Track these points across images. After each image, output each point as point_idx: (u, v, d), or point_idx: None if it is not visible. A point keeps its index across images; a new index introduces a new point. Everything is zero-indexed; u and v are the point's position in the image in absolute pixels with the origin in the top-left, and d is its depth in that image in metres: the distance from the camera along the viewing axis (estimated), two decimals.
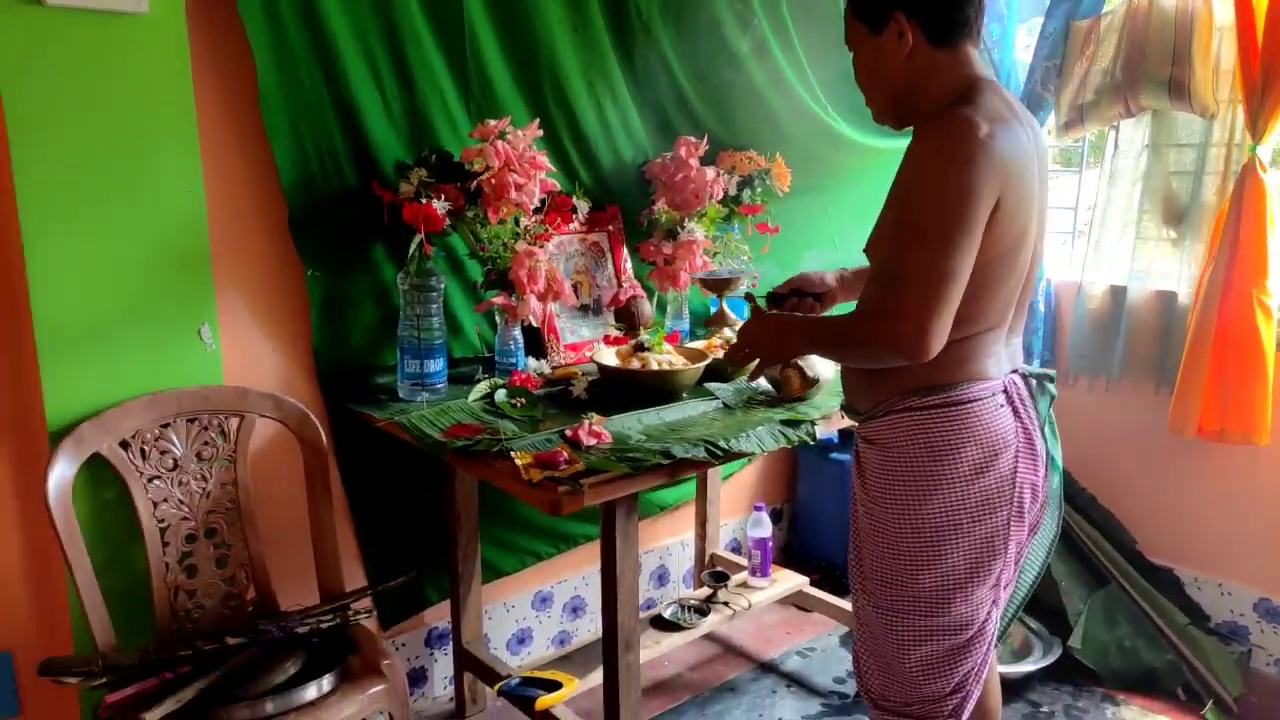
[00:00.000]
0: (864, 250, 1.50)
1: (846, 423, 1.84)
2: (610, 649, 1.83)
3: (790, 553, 3.15)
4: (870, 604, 1.55)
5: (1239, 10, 2.26)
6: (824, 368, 2.02)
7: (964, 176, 1.29)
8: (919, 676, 1.51)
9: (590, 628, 2.69)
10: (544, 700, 2.02)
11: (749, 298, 1.71)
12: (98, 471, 1.73)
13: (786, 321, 1.56)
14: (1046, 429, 1.56)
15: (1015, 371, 1.53)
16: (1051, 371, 1.59)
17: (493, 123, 2.00)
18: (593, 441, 1.73)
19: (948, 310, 1.31)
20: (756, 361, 1.65)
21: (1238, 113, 2.37)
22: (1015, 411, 1.47)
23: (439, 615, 2.39)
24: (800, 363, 1.97)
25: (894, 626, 1.51)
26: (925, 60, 1.43)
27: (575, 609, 2.67)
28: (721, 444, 1.75)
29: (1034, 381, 1.56)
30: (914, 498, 1.45)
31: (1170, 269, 2.58)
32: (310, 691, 1.64)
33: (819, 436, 1.93)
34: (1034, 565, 1.67)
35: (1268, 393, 2.34)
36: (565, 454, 1.65)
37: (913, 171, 1.36)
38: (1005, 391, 1.47)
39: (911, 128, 1.49)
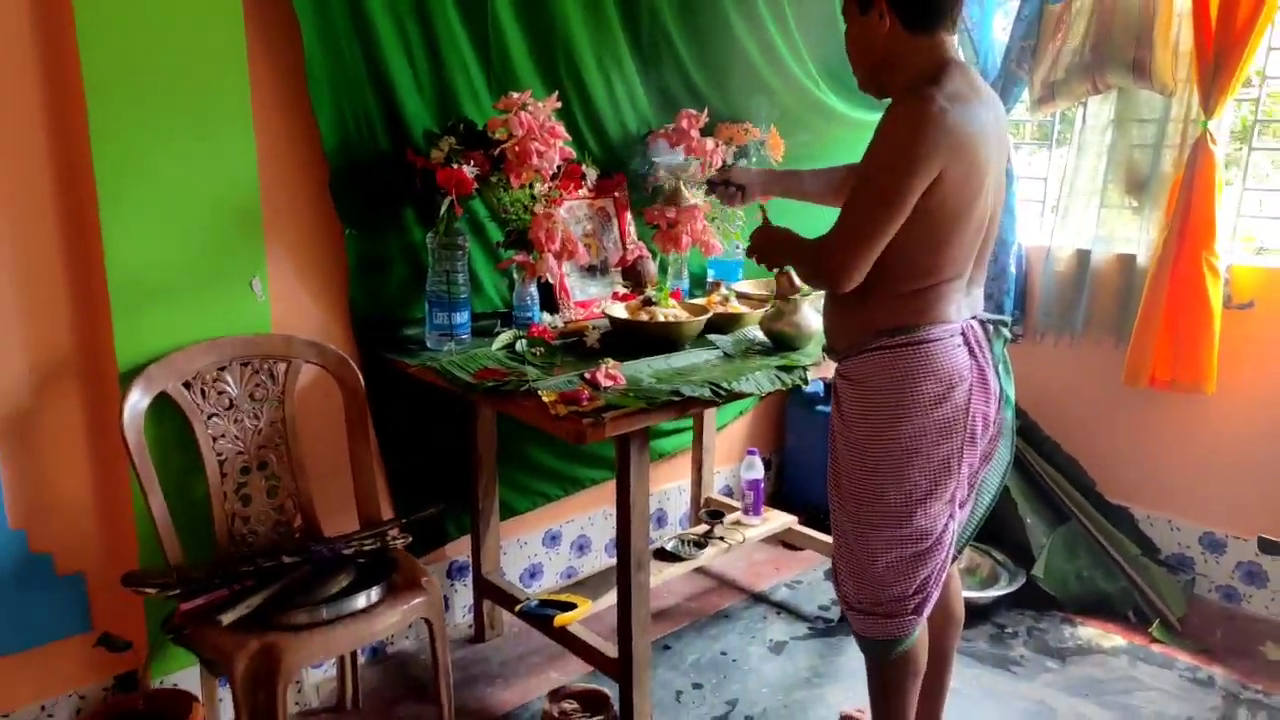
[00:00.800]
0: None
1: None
2: (624, 568, 2.05)
3: (779, 498, 3.38)
4: (846, 518, 1.79)
5: None
6: (813, 319, 2.23)
7: (912, 149, 1.52)
8: (887, 579, 1.75)
9: (595, 564, 2.92)
10: (561, 618, 2.24)
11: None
12: (162, 409, 1.92)
13: (781, 234, 1.87)
14: (1000, 368, 1.78)
15: (974, 318, 1.75)
16: (1006, 318, 1.80)
17: (516, 95, 2.19)
18: (609, 383, 1.94)
19: (868, 256, 1.59)
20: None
21: (1193, 91, 2.58)
22: (971, 351, 1.69)
23: (458, 550, 2.60)
24: (791, 272, 2.16)
25: (865, 537, 1.75)
26: (901, 42, 1.64)
27: (582, 546, 2.90)
28: (725, 385, 1.97)
29: (990, 326, 1.78)
30: (883, 424, 1.68)
31: (1131, 234, 2.81)
32: (360, 601, 1.85)
33: (809, 383, 2.14)
34: (990, 488, 1.90)
35: (1214, 346, 2.58)
36: (586, 393, 1.86)
37: (876, 138, 1.59)
38: (963, 334, 1.69)
39: (890, 99, 1.71)
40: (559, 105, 2.26)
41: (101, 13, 1.75)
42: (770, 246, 1.89)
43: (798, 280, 2.11)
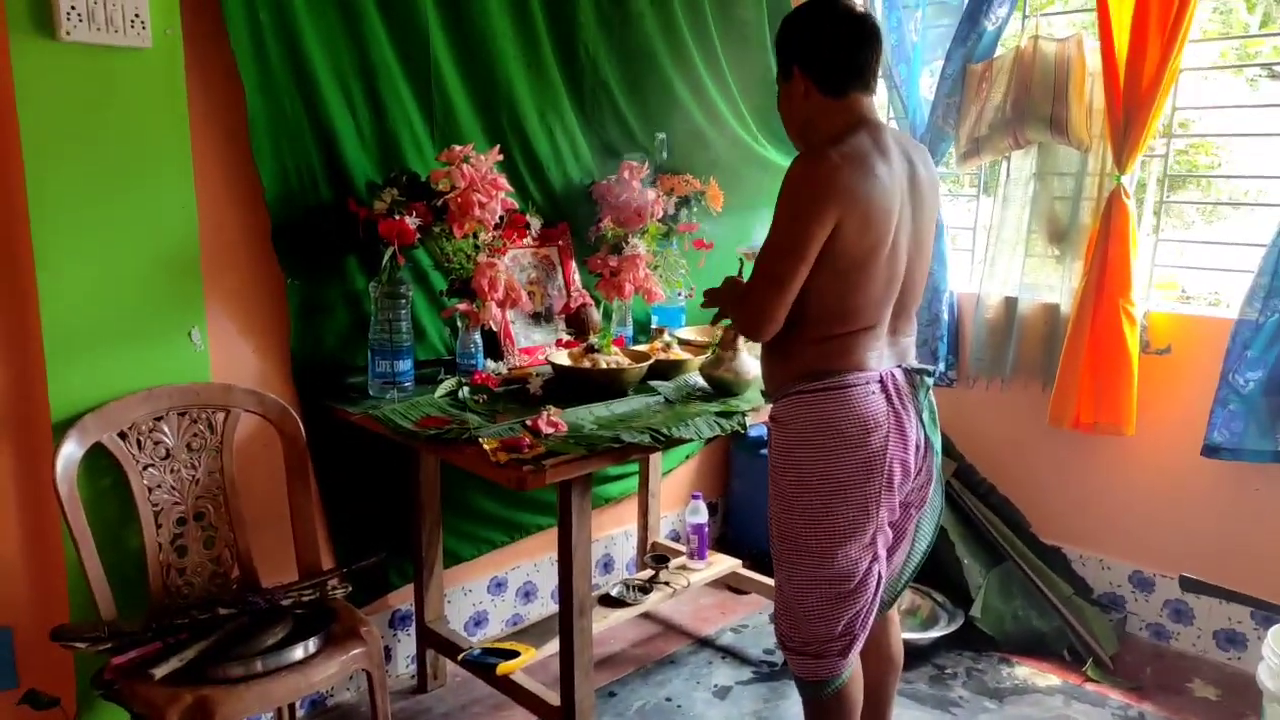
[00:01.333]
0: None
1: None
2: (566, 614, 2.06)
3: (725, 542, 3.42)
4: (778, 558, 1.84)
5: (1105, 59, 2.62)
6: (752, 366, 2.29)
7: (805, 201, 1.63)
8: (813, 618, 1.79)
9: (541, 611, 2.91)
10: (504, 666, 2.24)
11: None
12: (97, 460, 1.90)
13: (733, 288, 1.93)
14: (925, 416, 1.84)
15: (900, 366, 1.82)
16: (929, 367, 1.87)
17: (458, 148, 2.24)
18: (551, 430, 1.97)
19: (777, 304, 1.69)
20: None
21: (1107, 147, 2.72)
22: (889, 398, 1.76)
23: (402, 599, 2.58)
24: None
25: (792, 576, 1.81)
26: (818, 104, 1.75)
27: (527, 593, 2.89)
28: (664, 431, 2.01)
29: (916, 376, 1.84)
30: (803, 465, 1.75)
31: (1054, 282, 2.93)
32: (298, 652, 1.83)
33: (749, 428, 2.19)
34: (925, 535, 1.96)
35: (1133, 389, 2.69)
36: (528, 439, 1.89)
37: (779, 194, 1.69)
38: (881, 381, 1.76)
39: None
40: (501, 157, 2.32)
41: (39, 68, 1.77)
42: (723, 297, 1.95)
43: (736, 336, 2.17)
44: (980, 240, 3.20)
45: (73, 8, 1.75)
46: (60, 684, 1.97)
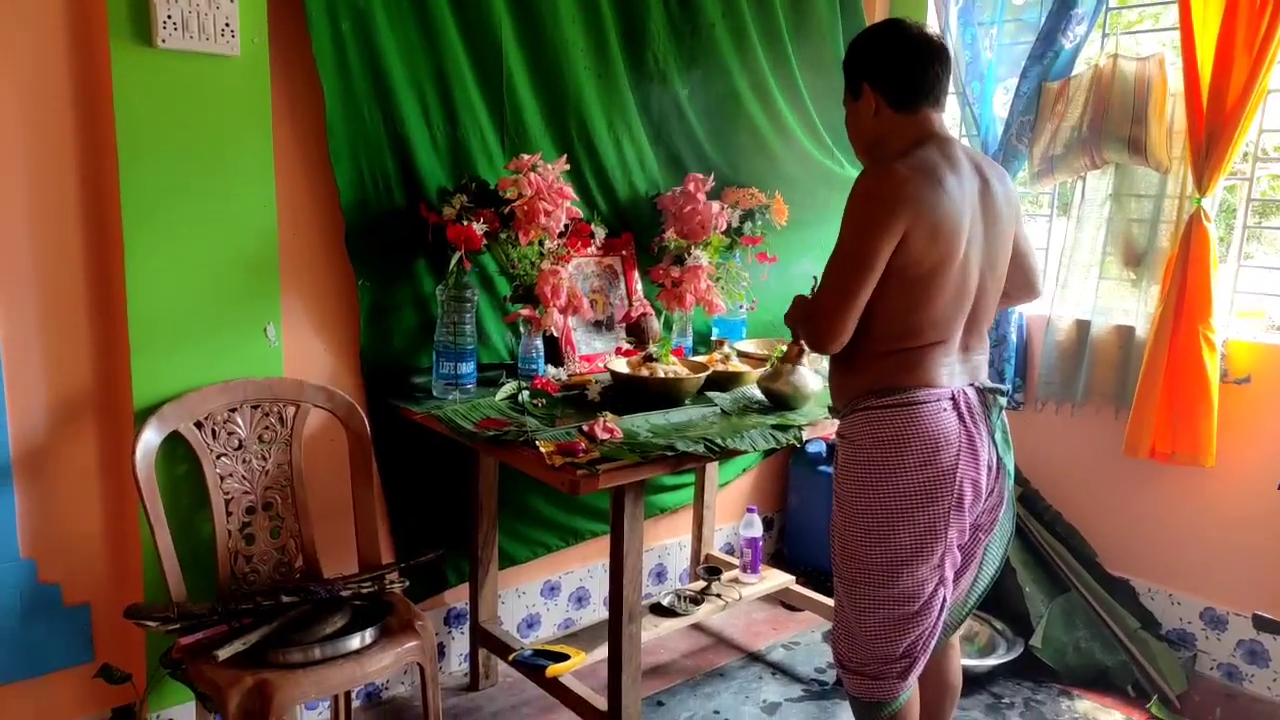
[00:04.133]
0: None
1: (830, 430, 2.11)
2: (615, 619, 2.08)
3: (780, 559, 3.39)
4: (839, 577, 1.82)
5: (1187, 79, 2.54)
6: (811, 380, 2.28)
7: (869, 215, 1.64)
8: (873, 639, 1.77)
9: (593, 617, 2.93)
10: (554, 669, 2.26)
11: None
12: (174, 448, 1.99)
13: (801, 305, 1.93)
14: (999, 437, 1.81)
15: (972, 384, 1.79)
16: (1003, 386, 1.84)
17: (526, 157, 2.29)
18: (606, 436, 1.99)
19: (845, 315, 1.68)
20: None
21: (1187, 169, 2.64)
22: (960, 417, 1.73)
23: (457, 597, 2.63)
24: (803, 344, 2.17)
25: (853, 595, 1.78)
26: (889, 120, 1.76)
27: (580, 599, 2.91)
28: (719, 442, 2.01)
29: (989, 395, 1.82)
30: (869, 482, 1.73)
31: (1129, 306, 2.85)
32: (354, 642, 1.89)
33: (805, 443, 2.18)
34: (994, 560, 1.91)
35: (1213, 418, 2.59)
36: (583, 444, 1.91)
37: (845, 207, 1.69)
38: (953, 399, 1.73)
39: None
40: (567, 167, 2.36)
41: (136, 73, 1.87)
42: (795, 311, 1.96)
43: (804, 353, 2.16)
44: (1053, 261, 3.12)
45: (169, 17, 1.85)
46: (132, 661, 2.07)
